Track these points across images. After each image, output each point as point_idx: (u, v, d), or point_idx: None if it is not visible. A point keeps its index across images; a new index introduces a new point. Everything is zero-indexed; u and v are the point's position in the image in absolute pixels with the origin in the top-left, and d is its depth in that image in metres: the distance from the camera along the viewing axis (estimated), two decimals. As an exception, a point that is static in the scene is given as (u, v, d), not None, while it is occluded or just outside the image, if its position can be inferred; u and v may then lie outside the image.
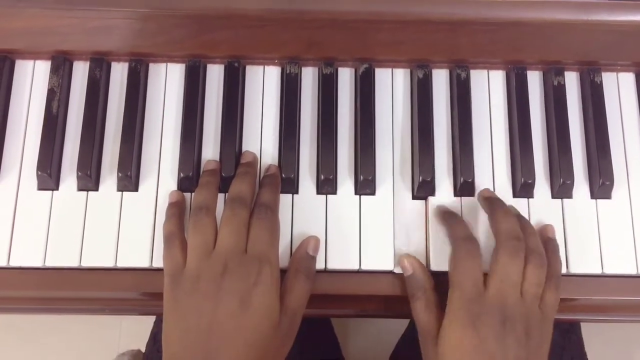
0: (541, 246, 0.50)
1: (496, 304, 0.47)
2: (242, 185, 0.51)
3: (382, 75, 0.57)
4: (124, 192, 0.54)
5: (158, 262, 0.51)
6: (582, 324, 0.74)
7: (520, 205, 0.54)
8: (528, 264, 0.49)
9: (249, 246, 0.48)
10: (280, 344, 0.48)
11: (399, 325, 0.85)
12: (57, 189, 0.54)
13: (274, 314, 0.47)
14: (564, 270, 0.52)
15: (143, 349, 0.73)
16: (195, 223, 0.49)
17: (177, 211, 0.52)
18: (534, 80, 0.58)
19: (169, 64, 0.57)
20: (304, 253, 0.51)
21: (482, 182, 0.55)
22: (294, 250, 0.52)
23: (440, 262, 0.52)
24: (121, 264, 0.52)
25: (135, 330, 1.25)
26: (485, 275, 0.49)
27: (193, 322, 0.46)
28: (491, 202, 0.52)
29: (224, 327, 0.45)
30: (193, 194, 0.53)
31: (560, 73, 0.57)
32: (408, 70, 0.57)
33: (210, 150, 0.55)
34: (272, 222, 0.50)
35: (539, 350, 0.47)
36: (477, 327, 0.46)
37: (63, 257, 0.52)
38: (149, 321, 0.75)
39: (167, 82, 0.57)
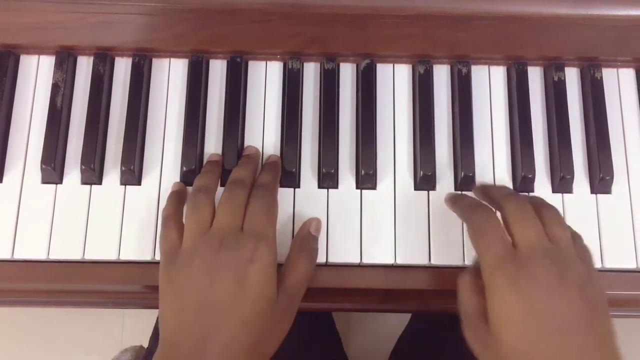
0: (546, 201, 0.48)
1: (531, 254, 0.43)
2: (243, 171, 0.52)
3: (383, 71, 0.58)
4: (127, 186, 0.54)
5: (161, 256, 0.52)
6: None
7: (520, 199, 0.54)
8: (542, 213, 0.46)
9: (246, 223, 0.48)
10: (277, 323, 0.47)
11: (400, 322, 0.86)
12: (61, 182, 0.54)
13: (271, 291, 0.47)
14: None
15: (145, 345, 0.74)
16: (193, 202, 0.49)
17: (177, 198, 0.52)
18: (535, 76, 0.58)
19: (172, 59, 0.57)
20: (307, 232, 0.51)
21: (482, 176, 0.55)
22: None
23: (441, 256, 0.53)
24: (124, 257, 0.52)
25: (138, 326, 1.25)
26: None
27: (189, 300, 0.46)
28: (482, 187, 0.52)
29: (220, 304, 0.45)
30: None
31: (560, 69, 0.57)
32: (409, 66, 0.58)
33: (213, 144, 0.55)
34: (269, 201, 0.50)
35: (600, 303, 0.43)
36: (520, 285, 0.42)
37: (67, 250, 0.52)
38: (151, 317, 0.75)
39: (170, 77, 0.57)
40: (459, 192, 0.53)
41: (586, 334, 0.42)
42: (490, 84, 0.58)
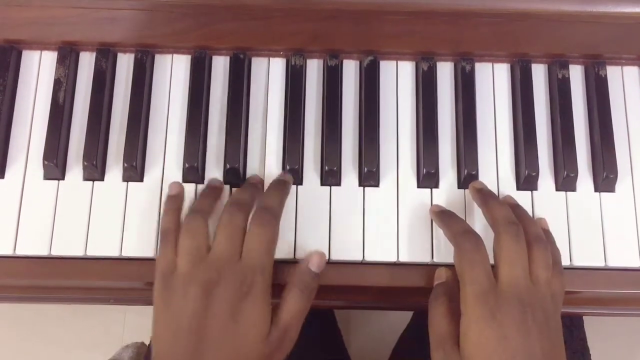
0: (541, 232, 0.50)
1: (512, 292, 0.46)
2: (244, 193, 0.51)
3: (387, 68, 0.57)
4: (129, 182, 0.54)
5: (163, 252, 0.52)
6: (585, 320, 0.75)
7: (523, 197, 0.54)
8: (533, 248, 0.48)
9: (245, 253, 0.47)
10: (268, 356, 0.47)
11: (402, 320, 0.85)
12: (63, 178, 0.54)
13: (264, 325, 0.47)
14: (567, 263, 0.52)
15: (147, 342, 0.74)
16: (188, 225, 0.49)
17: (175, 205, 0.52)
18: (539, 74, 0.58)
19: (174, 55, 0.57)
20: (304, 267, 0.50)
21: (486, 174, 0.55)
22: (297, 243, 0.53)
23: (444, 254, 0.53)
24: (126, 253, 0.52)
25: (139, 323, 1.25)
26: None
27: (184, 324, 0.45)
28: (483, 193, 0.52)
29: (212, 334, 0.45)
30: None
31: (565, 66, 0.57)
32: (413, 63, 0.58)
33: (215, 141, 0.55)
34: (273, 231, 0.49)
35: (558, 340, 0.46)
36: (498, 319, 0.44)
37: (68, 247, 0.52)
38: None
39: (172, 73, 0.57)
40: (447, 210, 0.53)
41: None
42: (494, 82, 0.58)
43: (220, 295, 0.46)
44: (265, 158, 0.55)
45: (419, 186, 0.55)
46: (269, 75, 0.57)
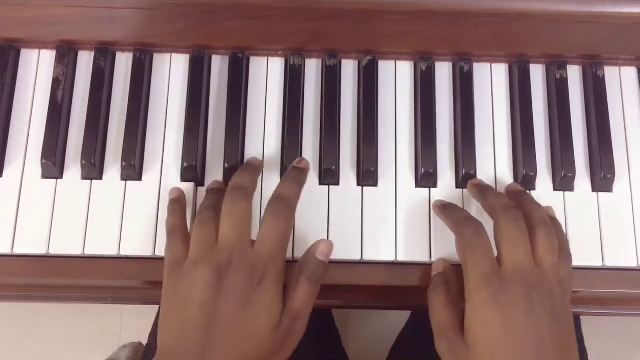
0: (546, 217, 0.49)
1: (515, 275, 0.45)
2: (244, 176, 0.51)
3: (385, 68, 0.57)
4: (128, 181, 0.54)
5: (161, 251, 0.51)
6: (583, 319, 0.75)
7: (522, 197, 0.54)
8: (536, 231, 0.47)
9: (258, 244, 0.47)
10: (279, 345, 0.47)
11: (400, 319, 0.86)
12: (61, 177, 0.54)
13: (275, 315, 0.46)
14: (564, 263, 0.53)
15: (144, 342, 0.74)
16: (200, 217, 0.49)
17: (178, 206, 0.52)
18: (537, 74, 0.58)
19: (173, 54, 0.57)
20: (311, 256, 0.50)
21: (484, 174, 0.55)
22: (295, 242, 0.52)
23: (442, 254, 0.53)
24: (124, 252, 0.52)
25: (137, 323, 1.25)
26: None
27: (191, 312, 0.45)
28: (481, 187, 0.53)
29: (222, 321, 0.44)
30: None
31: (562, 67, 0.57)
32: (411, 63, 0.58)
33: (214, 141, 0.55)
34: (287, 221, 0.48)
35: (567, 325, 0.46)
36: (502, 303, 0.44)
37: (67, 245, 0.52)
38: (150, 314, 0.75)
39: (171, 73, 0.57)
40: (448, 202, 0.53)
41: (555, 352, 0.44)
42: (492, 82, 0.58)
43: (231, 281, 0.45)
44: (264, 157, 0.55)
45: (417, 186, 0.55)
46: (267, 75, 0.57)
